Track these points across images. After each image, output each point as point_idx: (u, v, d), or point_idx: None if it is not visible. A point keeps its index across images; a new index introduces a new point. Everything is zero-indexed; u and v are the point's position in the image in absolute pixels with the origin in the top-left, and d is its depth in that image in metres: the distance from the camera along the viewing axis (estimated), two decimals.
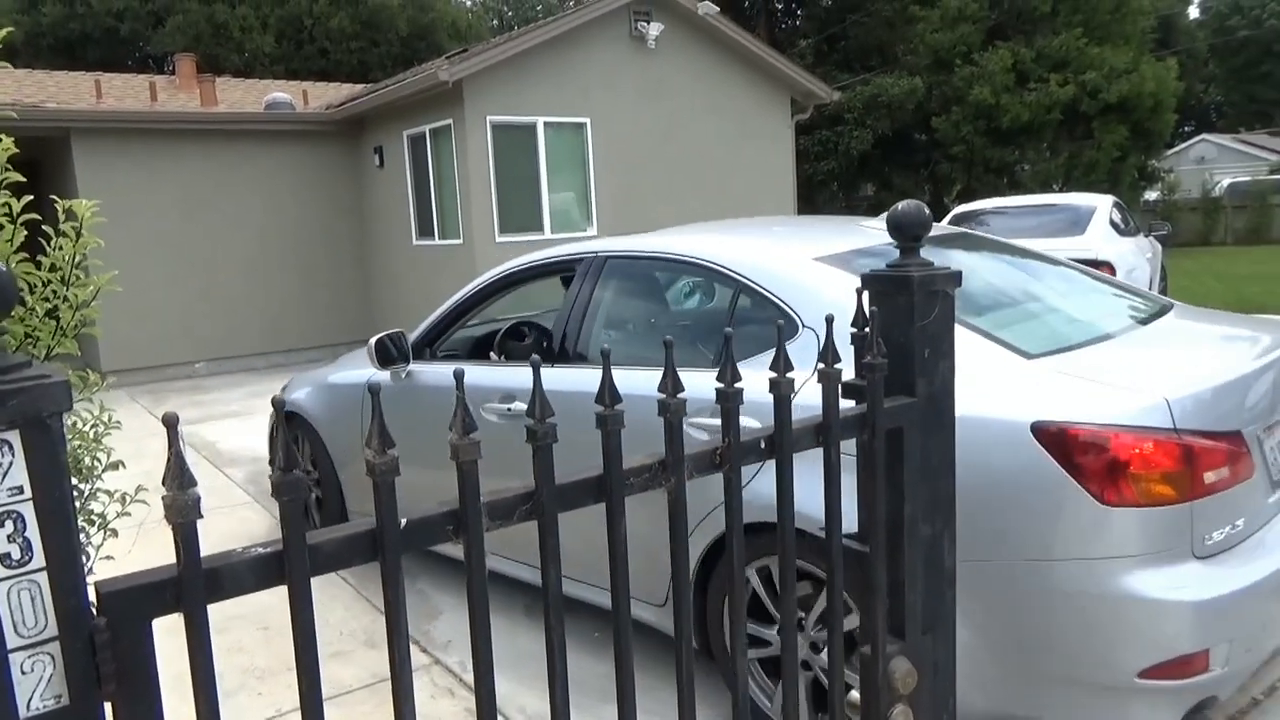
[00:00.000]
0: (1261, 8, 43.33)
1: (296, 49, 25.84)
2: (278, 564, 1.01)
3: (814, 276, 2.81)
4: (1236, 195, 26.06)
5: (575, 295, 3.46)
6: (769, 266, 2.91)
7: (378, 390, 1.06)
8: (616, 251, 3.48)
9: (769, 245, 3.19)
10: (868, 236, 3.19)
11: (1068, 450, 2.15)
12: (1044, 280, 3.33)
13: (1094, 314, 3.05)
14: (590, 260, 3.49)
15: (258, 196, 11.43)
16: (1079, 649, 2.16)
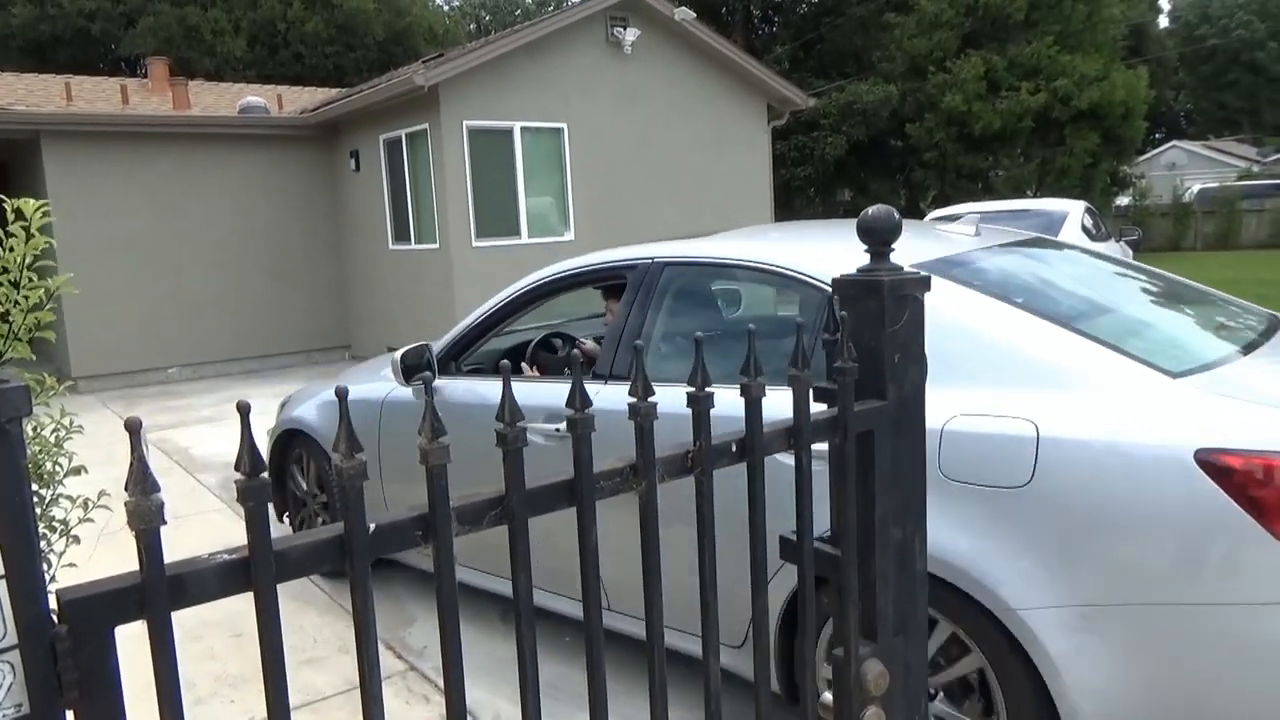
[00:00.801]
0: (1230, 17, 44.07)
1: (270, 53, 25.68)
2: (244, 570, 1.01)
3: None
4: (1206, 201, 26.45)
5: (629, 306, 3.12)
6: None
7: (344, 394, 1.05)
8: (675, 257, 3.14)
9: (856, 251, 3.00)
10: (951, 243, 2.97)
11: (1242, 482, 1.92)
12: (1140, 288, 3.09)
13: (1213, 326, 2.83)
14: (644, 267, 3.15)
15: (231, 201, 11.34)
16: (1255, 705, 1.94)
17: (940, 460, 2.23)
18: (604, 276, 3.42)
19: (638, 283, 3.13)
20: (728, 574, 2.33)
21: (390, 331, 11.47)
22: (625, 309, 3.13)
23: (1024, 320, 2.38)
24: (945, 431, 2.24)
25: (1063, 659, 2.06)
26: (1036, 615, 2.09)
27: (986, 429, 2.21)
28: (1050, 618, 2.08)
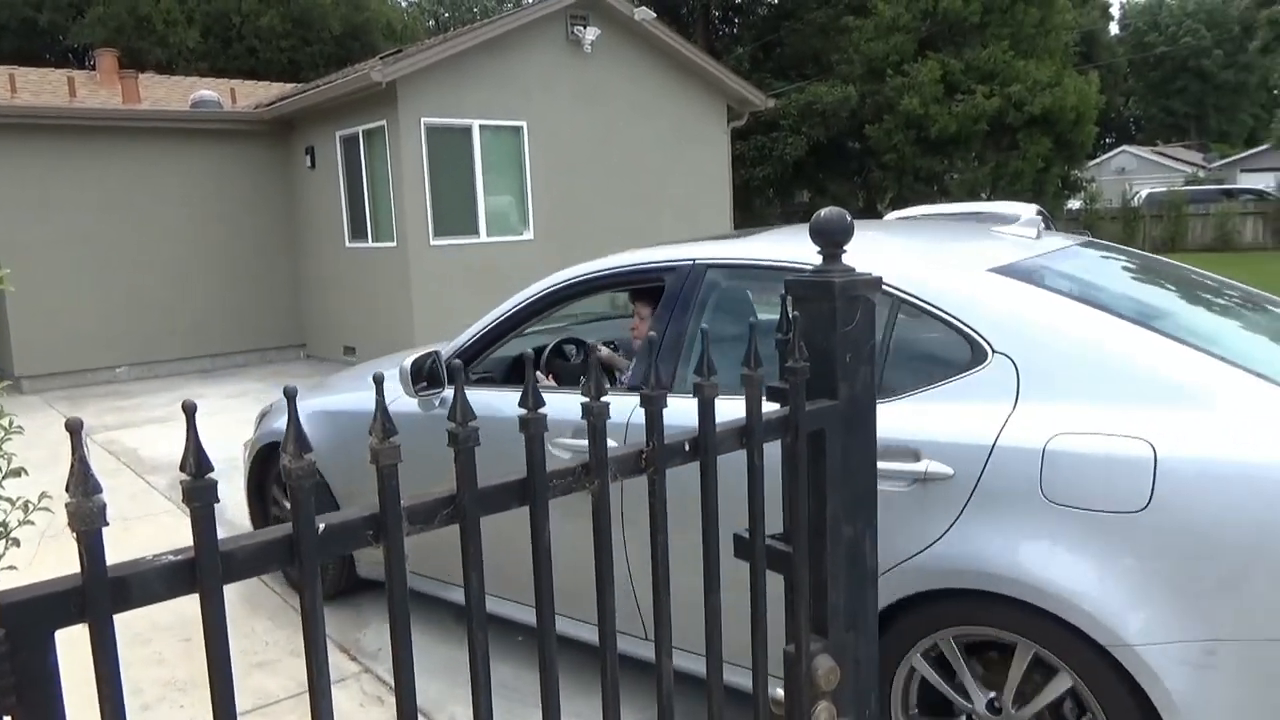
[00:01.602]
0: (1178, 25, 45.15)
1: (224, 46, 25.25)
2: (189, 571, 0.99)
3: (1000, 292, 2.33)
4: (1154, 205, 27.08)
5: (670, 311, 2.90)
6: (941, 281, 2.40)
7: (293, 395, 1.05)
8: (719, 259, 2.91)
9: (930, 254, 2.71)
10: (1022, 246, 2.80)
11: None
12: (1220, 294, 2.92)
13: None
14: (684, 270, 2.92)
15: (183, 197, 11.14)
16: None
17: (1043, 483, 2.06)
18: (637, 279, 3.17)
19: (677, 286, 2.91)
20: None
21: (347, 331, 11.34)
22: (665, 314, 2.90)
23: (1132, 332, 2.19)
24: (1048, 452, 2.07)
25: (1184, 698, 1.92)
26: (1156, 651, 1.93)
27: (1097, 450, 2.03)
28: (1171, 654, 1.92)
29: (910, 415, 2.27)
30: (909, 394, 2.32)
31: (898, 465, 2.24)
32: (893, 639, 2.29)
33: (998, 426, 2.14)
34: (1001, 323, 2.26)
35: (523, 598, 3.20)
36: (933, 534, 2.18)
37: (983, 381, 2.23)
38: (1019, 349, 2.21)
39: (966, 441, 2.17)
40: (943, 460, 2.19)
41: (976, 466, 2.13)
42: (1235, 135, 46.78)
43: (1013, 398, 2.17)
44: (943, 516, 2.17)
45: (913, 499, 2.22)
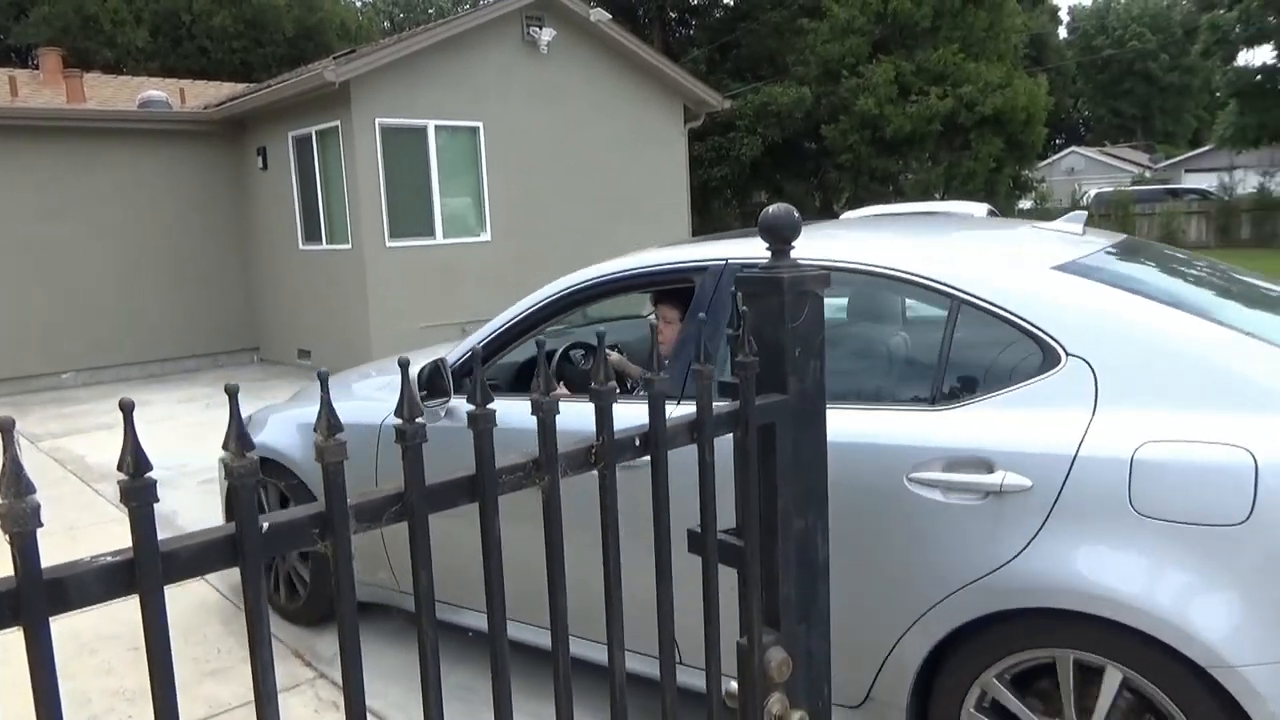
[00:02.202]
0: (1124, 29, 46.14)
1: (174, 45, 24.78)
2: (128, 572, 0.98)
3: (1070, 291, 2.20)
4: (1102, 205, 27.63)
5: (702, 315, 2.89)
6: (1004, 280, 2.27)
7: (235, 391, 1.03)
8: (755, 259, 2.69)
9: (985, 251, 2.57)
10: (1075, 242, 2.67)
11: None
12: (1272, 293, 2.79)
13: None
14: (716, 270, 2.75)
15: (131, 199, 10.91)
16: None
17: (1132, 494, 1.93)
18: (662, 280, 2.98)
19: (709, 288, 2.73)
20: (851, 623, 2.19)
21: (301, 334, 11.20)
22: (694, 318, 2.72)
23: (1220, 334, 2.08)
24: (1137, 461, 1.94)
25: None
26: (1260, 672, 1.82)
27: (1191, 458, 1.91)
28: (1274, 674, 1.82)
29: (977, 424, 2.14)
30: (973, 401, 2.19)
31: (967, 477, 2.11)
32: (961, 662, 2.17)
33: (1078, 435, 2.02)
34: (1074, 324, 2.13)
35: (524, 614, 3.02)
36: (1009, 550, 2.05)
37: (1056, 387, 2.10)
38: (1095, 352, 2.08)
39: (1045, 451, 2.03)
40: (1019, 471, 2.04)
41: (1057, 478, 2.00)
42: (1180, 136, 47.95)
43: (1090, 404, 2.04)
44: (1020, 532, 2.04)
45: (985, 514, 2.08)
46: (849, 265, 2.49)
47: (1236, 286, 2.74)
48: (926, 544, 2.14)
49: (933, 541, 2.13)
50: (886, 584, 2.21)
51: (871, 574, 2.23)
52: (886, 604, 2.21)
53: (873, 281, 2.55)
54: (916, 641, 2.18)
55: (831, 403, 2.30)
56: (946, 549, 2.12)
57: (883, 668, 2.26)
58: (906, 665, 2.21)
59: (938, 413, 2.21)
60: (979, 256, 2.48)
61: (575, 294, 3.06)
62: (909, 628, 2.18)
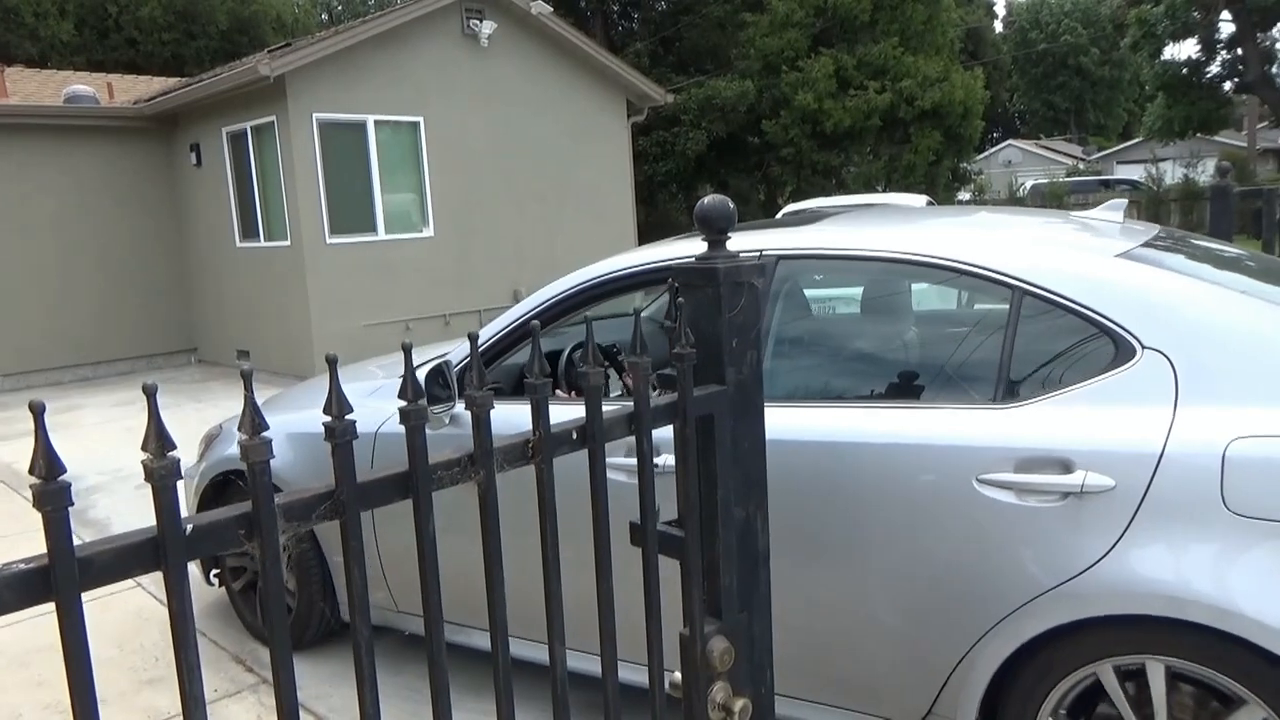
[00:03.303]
0: (1057, 23, 47.20)
1: (100, 38, 24.04)
2: (43, 579, 0.94)
3: (1142, 280, 2.10)
4: (1038, 196, 28.24)
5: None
6: (1072, 269, 2.15)
7: (153, 391, 1.00)
8: (793, 250, 2.58)
9: (1047, 240, 2.44)
10: (1124, 231, 2.58)
11: None
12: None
13: None
14: (752, 261, 2.75)
15: (59, 198, 10.58)
16: None
17: (1225, 493, 1.84)
18: None
19: None
20: (914, 633, 2.16)
21: (241, 334, 10.96)
22: None
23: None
24: (1229, 458, 1.84)
25: None
26: None
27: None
28: None
29: (1049, 422, 2.04)
30: (1041, 398, 2.08)
31: (1044, 478, 2.00)
32: (1039, 671, 2.06)
33: (1162, 431, 1.92)
34: (1149, 315, 2.03)
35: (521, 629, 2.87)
36: (1091, 555, 1.94)
37: (1132, 381, 1.99)
38: (1174, 344, 1.98)
39: (1128, 449, 1.93)
40: (1101, 471, 1.94)
41: (1142, 477, 1.90)
42: (1111, 129, 49.25)
43: (1171, 398, 1.95)
44: (1103, 534, 1.94)
45: (1064, 516, 1.97)
46: (901, 256, 2.38)
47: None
48: (999, 550, 2.04)
49: (1006, 547, 2.03)
50: (954, 592, 2.11)
51: (937, 582, 2.13)
52: (954, 613, 2.11)
53: (927, 274, 2.42)
54: (988, 652, 2.07)
55: (889, 403, 2.29)
56: (1022, 554, 2.02)
57: (949, 680, 2.16)
58: (976, 677, 2.10)
59: (1004, 411, 2.10)
60: (1039, 245, 2.34)
61: (587, 291, 2.84)
62: (980, 638, 2.08)
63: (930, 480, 2.13)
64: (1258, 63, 20.88)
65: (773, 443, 2.17)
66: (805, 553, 2.31)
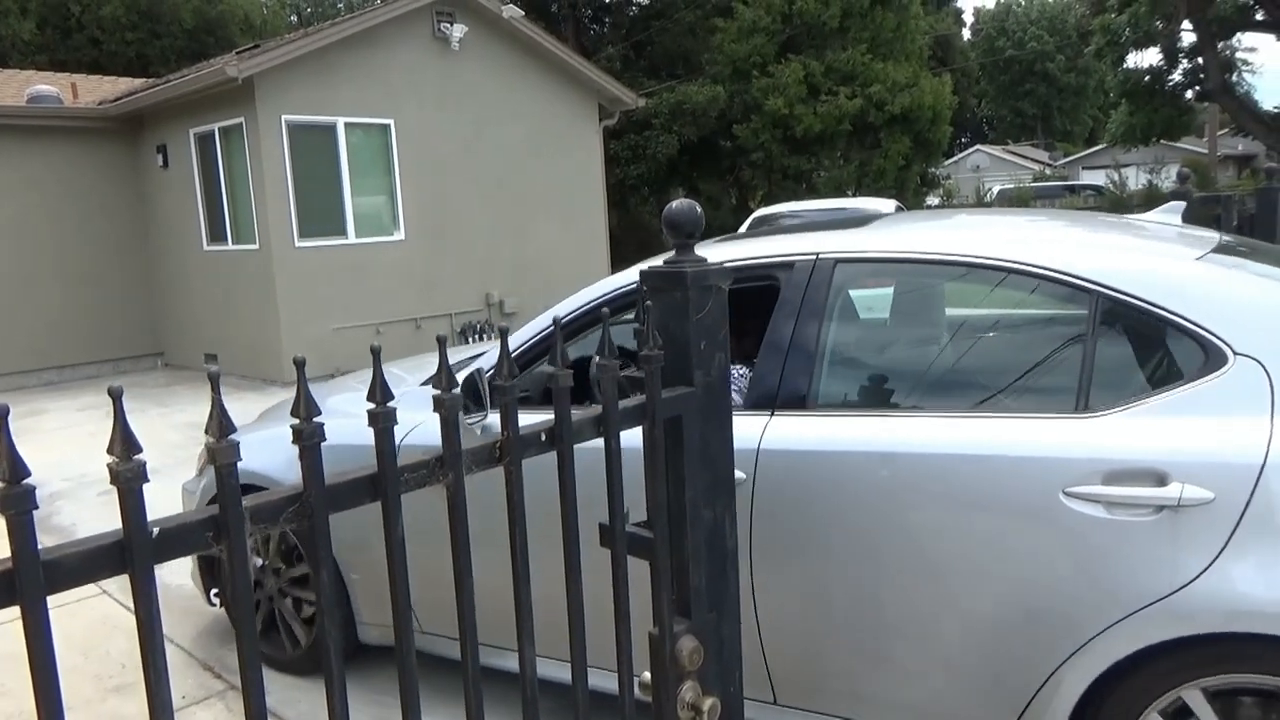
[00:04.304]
0: (1024, 31, 47.85)
1: (63, 37, 23.68)
2: (7, 584, 0.94)
3: (1227, 284, 2.05)
4: (1005, 201, 28.63)
5: (793, 316, 2.45)
6: (1153, 274, 2.07)
7: (119, 394, 1.00)
8: (852, 253, 2.48)
9: (1124, 244, 2.38)
10: (1194, 235, 2.52)
11: None
12: None
13: None
14: (805, 266, 2.49)
15: (20, 199, 10.41)
16: None
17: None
18: (743, 277, 2.62)
19: (799, 286, 2.46)
20: (995, 653, 2.06)
21: (208, 338, 10.84)
22: (786, 320, 2.45)
23: None
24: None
25: None
26: None
27: None
28: None
29: (1138, 432, 1.96)
30: (1126, 407, 2.00)
31: (1136, 491, 1.91)
32: (1131, 692, 1.98)
33: (1262, 441, 1.85)
34: (1240, 319, 1.96)
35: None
36: (1189, 570, 1.87)
37: (1225, 389, 1.92)
38: (1269, 350, 1.91)
39: (1227, 461, 1.86)
40: (1199, 484, 1.86)
41: (1243, 489, 1.83)
42: (1077, 135, 49.99)
43: (1267, 407, 1.88)
44: (1201, 549, 1.86)
45: (1158, 530, 1.89)
46: (970, 261, 2.32)
47: None
48: (1088, 566, 1.95)
49: (1096, 563, 1.94)
50: (1039, 610, 2.02)
51: (1020, 599, 2.04)
52: (1039, 632, 2.02)
53: (998, 278, 2.33)
54: (1075, 673, 1.98)
55: (967, 413, 2.19)
56: (1112, 571, 1.93)
57: (1031, 703, 2.07)
58: (1061, 700, 2.01)
59: (1089, 420, 2.02)
60: (1118, 249, 2.28)
61: (615, 300, 2.69)
62: (1067, 658, 1.99)
63: (1013, 493, 2.03)
64: (1218, 71, 21.28)
65: (838, 454, 2.23)
66: (875, 570, 2.21)
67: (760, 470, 2.31)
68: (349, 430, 2.86)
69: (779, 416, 2.37)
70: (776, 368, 2.43)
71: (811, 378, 2.39)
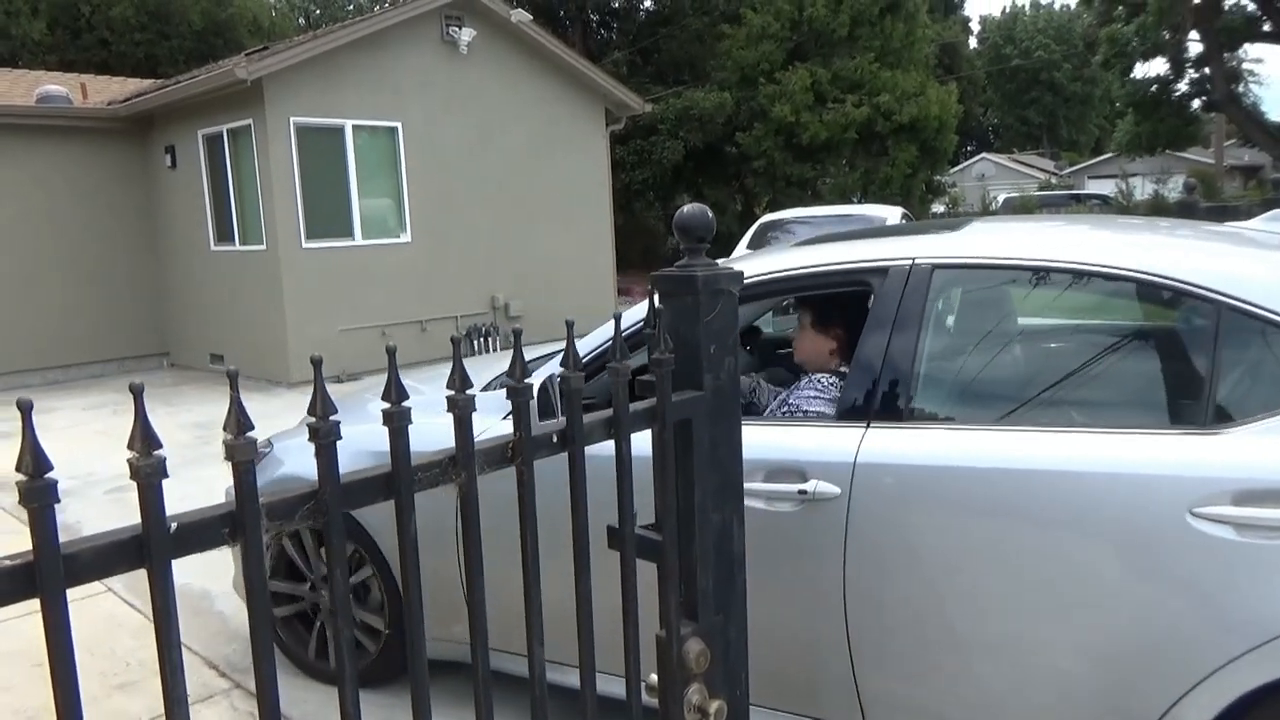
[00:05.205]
0: (1031, 40, 47.87)
1: (73, 38, 23.79)
2: (27, 575, 0.95)
3: None
4: (1010, 209, 28.63)
5: (889, 323, 2.34)
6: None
7: (140, 390, 1.01)
8: (950, 258, 2.38)
9: (1244, 254, 2.30)
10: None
11: None
12: None
13: None
14: (900, 271, 2.37)
15: (30, 198, 10.45)
16: None
17: None
18: (825, 283, 2.56)
19: (895, 292, 2.35)
20: (1111, 681, 1.94)
21: (214, 338, 10.88)
22: (882, 327, 2.35)
23: None
24: None
25: None
26: None
27: None
28: None
29: (1271, 450, 1.86)
30: (1255, 421, 1.91)
31: (1271, 513, 1.81)
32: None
33: None
34: None
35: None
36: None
37: None
38: None
39: None
40: None
41: None
42: (1083, 144, 49.97)
43: None
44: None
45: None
46: (1078, 267, 2.22)
47: None
48: (1216, 590, 1.85)
49: (1225, 587, 1.84)
50: (1161, 637, 1.90)
51: (1141, 625, 1.93)
52: (1161, 661, 1.91)
53: (1107, 285, 2.25)
54: (1200, 705, 1.87)
55: (1081, 428, 2.09)
56: (1244, 596, 1.83)
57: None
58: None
59: (1215, 437, 1.92)
60: (1240, 258, 2.20)
61: None
62: (1191, 689, 1.87)
63: (1138, 514, 1.92)
64: (1224, 82, 21.29)
65: (941, 469, 2.12)
66: (979, 591, 2.10)
67: (857, 484, 2.20)
68: (369, 437, 2.78)
69: (875, 429, 2.26)
70: (872, 377, 2.33)
71: (911, 388, 2.29)
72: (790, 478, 2.28)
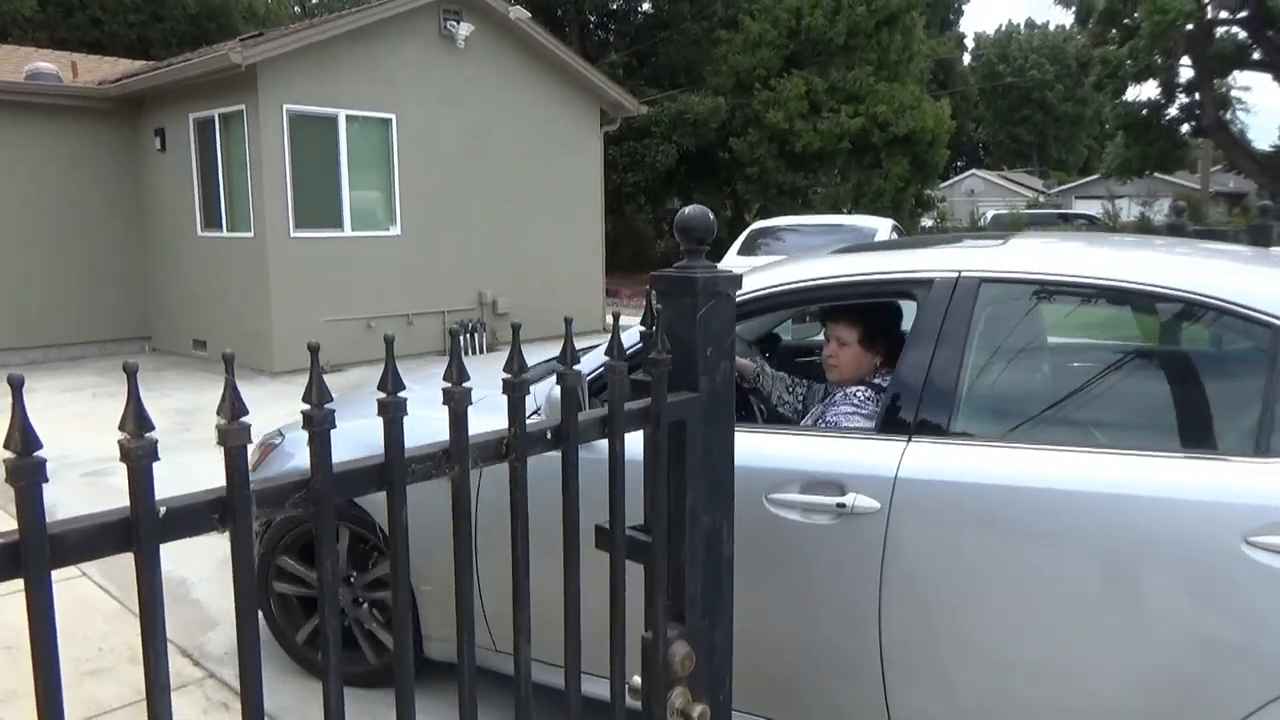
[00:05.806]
0: (1024, 58, 48.21)
1: (64, 15, 23.57)
2: (12, 555, 0.93)
3: None
4: (999, 226, 28.80)
5: (933, 336, 2.29)
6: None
7: (134, 370, 1.00)
8: (998, 273, 2.32)
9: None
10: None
11: None
12: None
13: None
14: (946, 283, 2.31)
15: (12, 176, 10.33)
16: None
17: None
18: (874, 291, 2.52)
19: (940, 305, 2.30)
20: (1168, 705, 1.90)
21: (198, 324, 10.79)
22: (926, 340, 2.30)
23: None
24: None
25: None
26: None
27: None
28: None
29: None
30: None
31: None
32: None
33: None
34: None
35: None
36: None
37: None
38: None
39: None
40: None
41: None
42: (1072, 164, 50.36)
43: None
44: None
45: None
46: (1131, 286, 2.17)
47: None
48: (1271, 621, 1.82)
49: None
50: (1212, 669, 1.89)
51: (1191, 656, 1.90)
52: (1211, 693, 1.89)
53: (1155, 305, 2.22)
54: None
55: (1131, 450, 2.02)
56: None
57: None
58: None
59: (1272, 465, 1.89)
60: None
61: (746, 308, 2.46)
62: (1254, 711, 1.83)
63: (1187, 540, 1.89)
64: (1214, 108, 21.52)
65: (987, 487, 2.06)
66: (1024, 614, 2.05)
67: (897, 500, 2.15)
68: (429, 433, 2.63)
69: (916, 443, 2.20)
70: (915, 390, 2.27)
71: (954, 403, 2.23)
72: (828, 490, 2.23)
